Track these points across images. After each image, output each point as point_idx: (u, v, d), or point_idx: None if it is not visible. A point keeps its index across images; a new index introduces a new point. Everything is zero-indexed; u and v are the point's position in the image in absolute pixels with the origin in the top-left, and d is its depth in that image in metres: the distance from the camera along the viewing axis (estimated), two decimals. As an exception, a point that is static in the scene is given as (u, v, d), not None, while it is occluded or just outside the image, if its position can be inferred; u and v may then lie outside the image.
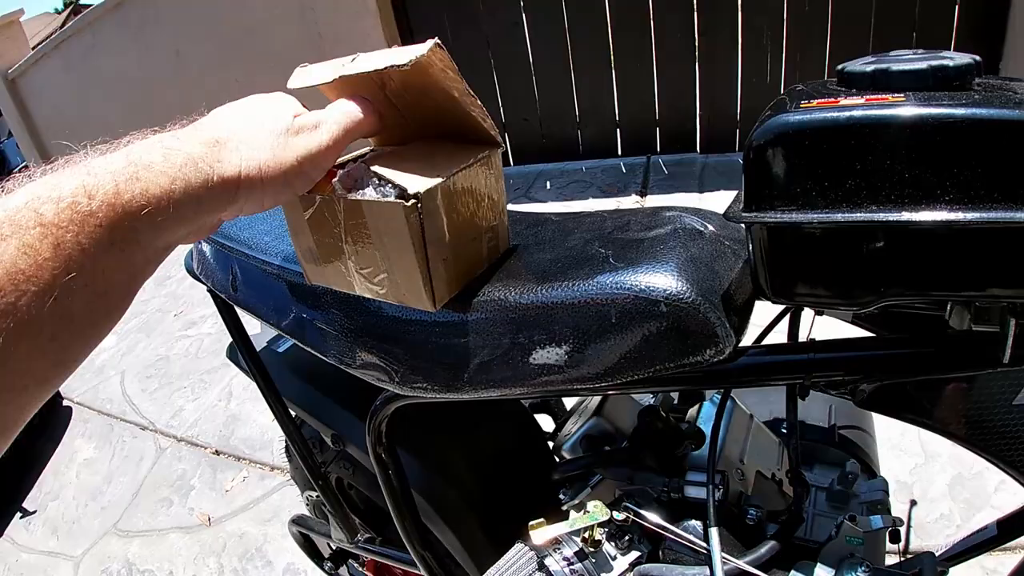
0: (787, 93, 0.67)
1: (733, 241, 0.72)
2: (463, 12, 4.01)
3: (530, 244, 0.75)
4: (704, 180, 3.48)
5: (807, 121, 0.51)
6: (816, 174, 0.52)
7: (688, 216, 0.73)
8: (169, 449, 2.77)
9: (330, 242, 0.68)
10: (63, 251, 0.37)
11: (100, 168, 0.44)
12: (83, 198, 0.40)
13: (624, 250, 0.66)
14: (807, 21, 3.38)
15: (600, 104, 3.95)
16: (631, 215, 0.76)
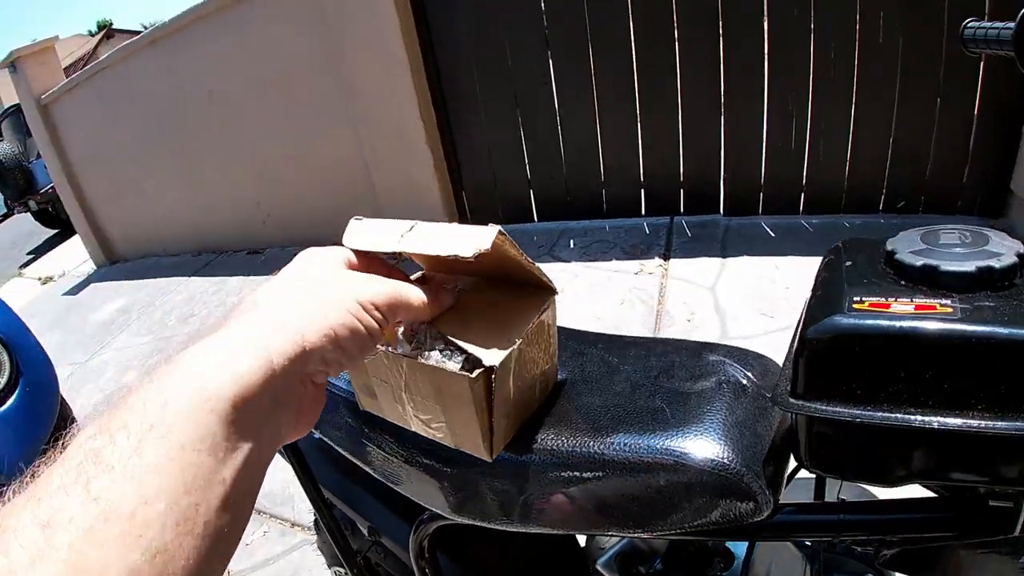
0: (841, 249, 0.72)
1: (771, 391, 0.75)
2: (493, 67, 4.08)
3: (577, 380, 0.78)
4: (727, 244, 3.52)
5: (860, 327, 0.55)
6: (862, 375, 0.56)
7: (732, 364, 0.76)
8: None
9: (387, 386, 0.71)
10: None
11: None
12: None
13: (672, 405, 0.69)
14: (833, 87, 3.42)
15: (625, 164, 4.00)
16: (675, 354, 0.80)
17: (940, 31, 3.13)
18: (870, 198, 3.56)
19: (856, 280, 0.63)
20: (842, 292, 0.61)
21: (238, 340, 0.45)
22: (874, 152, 3.45)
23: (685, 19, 3.58)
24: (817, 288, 0.67)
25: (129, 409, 0.39)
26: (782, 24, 3.40)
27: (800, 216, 3.69)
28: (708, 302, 3.06)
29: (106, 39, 32.59)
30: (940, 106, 3.26)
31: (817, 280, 0.70)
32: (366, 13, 4.01)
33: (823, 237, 3.44)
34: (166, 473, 0.36)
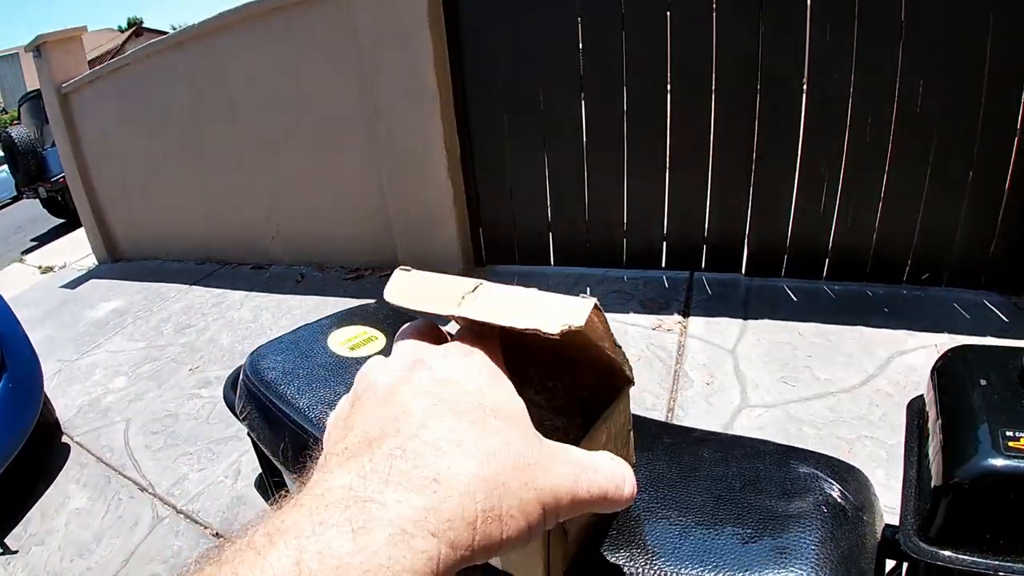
0: (961, 361, 0.62)
1: (866, 512, 0.65)
2: (524, 107, 4.02)
3: (646, 486, 0.68)
4: (748, 305, 3.43)
5: (1019, 471, 0.46)
6: (1014, 524, 0.46)
7: (826, 479, 0.66)
8: (167, 520, 2.67)
9: None
10: None
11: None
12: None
13: (766, 530, 0.59)
14: (866, 154, 3.35)
15: (649, 214, 3.91)
16: (758, 459, 0.70)
17: (978, 104, 3.09)
18: (895, 268, 3.48)
19: (998, 407, 0.53)
20: (988, 424, 0.51)
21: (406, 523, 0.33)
22: (902, 221, 3.38)
23: (723, 77, 3.52)
24: (947, 411, 0.57)
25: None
26: (821, 87, 3.34)
27: (823, 281, 3.60)
28: (728, 365, 2.96)
29: (134, 36, 32.91)
30: (972, 178, 3.20)
31: (941, 400, 0.60)
32: (400, 39, 3.96)
33: (846, 304, 3.36)
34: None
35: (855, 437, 2.40)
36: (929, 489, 0.52)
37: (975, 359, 0.64)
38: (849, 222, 3.48)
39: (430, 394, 0.39)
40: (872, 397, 2.61)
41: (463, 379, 0.41)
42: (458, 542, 0.33)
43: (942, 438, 0.54)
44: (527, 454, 0.38)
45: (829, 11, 3.22)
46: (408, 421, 0.38)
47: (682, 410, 2.69)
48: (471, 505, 0.34)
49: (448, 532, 0.33)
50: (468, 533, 0.34)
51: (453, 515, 0.34)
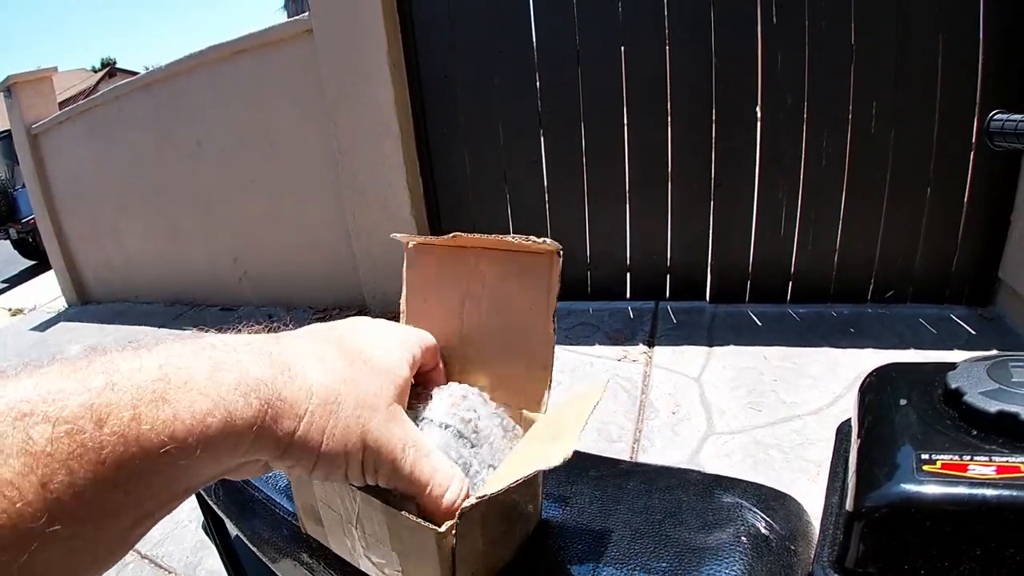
0: (884, 380, 0.61)
1: (795, 541, 0.62)
2: (484, 144, 4.03)
3: (565, 522, 0.65)
4: (713, 332, 3.42)
5: (935, 498, 0.43)
6: (930, 553, 0.44)
7: (750, 509, 0.63)
8: (131, 565, 2.58)
9: (335, 515, 0.59)
10: (50, 493, 0.28)
11: (124, 378, 0.33)
12: (89, 424, 0.31)
13: (678, 565, 0.56)
14: (824, 176, 3.40)
15: (612, 247, 3.92)
16: (682, 491, 0.67)
17: (932, 122, 3.16)
18: (858, 288, 3.51)
19: (916, 428, 0.51)
20: (904, 446, 0.49)
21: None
22: (863, 241, 3.42)
23: (678, 104, 3.56)
24: (866, 433, 0.55)
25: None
26: (775, 112, 3.40)
27: (787, 305, 3.62)
28: (694, 393, 2.94)
29: (108, 77, 32.78)
30: (930, 195, 3.26)
31: (862, 420, 0.58)
32: (362, 80, 3.97)
33: (811, 327, 3.37)
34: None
35: (823, 459, 2.38)
36: (844, 516, 0.49)
37: (900, 377, 0.62)
38: (810, 245, 3.51)
39: (331, 337, 0.49)
40: (839, 417, 2.55)
41: (363, 335, 0.51)
42: (283, 423, 0.39)
43: (857, 461, 0.51)
44: (373, 401, 0.45)
45: (780, 39, 3.29)
46: (300, 339, 0.46)
47: (648, 440, 2.66)
48: (304, 400, 0.40)
49: (279, 408, 0.39)
50: (293, 422, 0.39)
51: (287, 397, 0.39)
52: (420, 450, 0.47)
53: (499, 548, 0.58)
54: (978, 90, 3.05)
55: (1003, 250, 3.20)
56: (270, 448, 0.39)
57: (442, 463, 0.48)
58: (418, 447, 0.47)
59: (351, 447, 0.42)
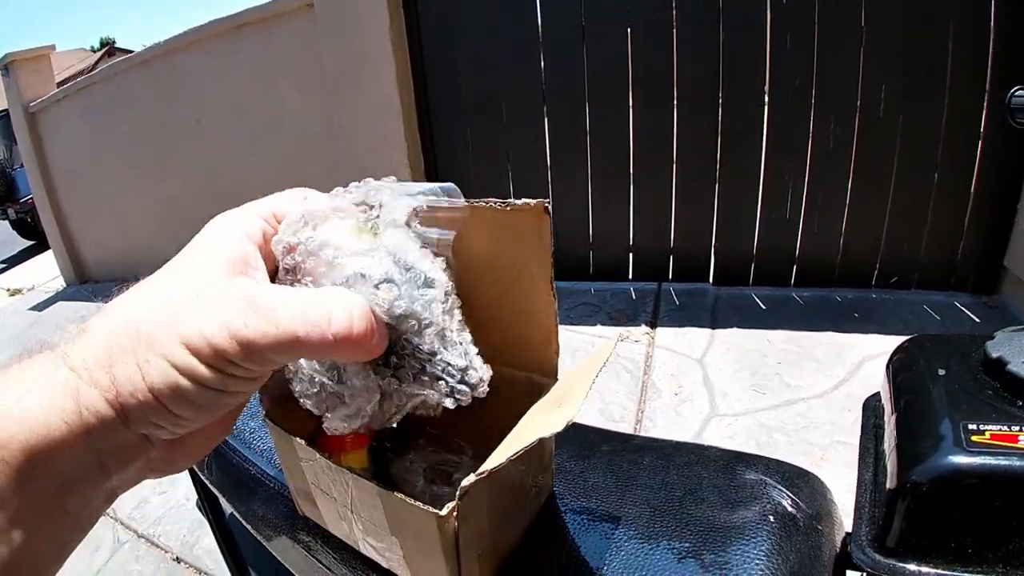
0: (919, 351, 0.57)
1: (821, 520, 0.59)
2: (487, 121, 3.98)
3: (577, 497, 0.62)
4: (716, 314, 3.39)
5: (987, 469, 0.40)
6: (981, 528, 0.41)
7: (775, 486, 0.60)
8: (128, 544, 2.57)
9: (330, 499, 0.56)
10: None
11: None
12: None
13: (706, 545, 0.53)
14: (830, 160, 3.35)
15: (615, 227, 3.88)
16: (702, 467, 0.64)
17: (941, 107, 3.10)
18: (863, 273, 3.47)
19: (959, 399, 0.48)
20: (948, 417, 0.46)
21: (45, 378, 0.35)
22: (869, 226, 3.38)
23: (685, 84, 3.51)
24: (904, 406, 0.52)
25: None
26: (782, 94, 3.34)
27: (791, 288, 3.58)
28: (696, 375, 2.91)
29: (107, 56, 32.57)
30: (937, 181, 3.21)
31: (896, 393, 0.55)
32: (364, 56, 3.92)
33: (815, 310, 3.33)
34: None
35: (828, 443, 2.36)
36: (884, 492, 0.46)
37: (933, 349, 0.59)
38: (815, 229, 3.47)
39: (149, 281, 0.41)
40: (844, 402, 2.57)
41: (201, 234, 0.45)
42: (98, 380, 0.34)
43: (896, 435, 0.48)
44: (178, 301, 0.37)
45: (789, 20, 3.23)
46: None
47: (650, 421, 2.64)
48: (102, 349, 0.36)
49: (85, 370, 0.35)
50: (104, 374, 0.35)
51: (87, 356, 0.35)
52: (259, 309, 0.37)
53: (507, 526, 0.54)
54: (988, 76, 3.00)
55: (1009, 238, 3.16)
56: (113, 412, 0.35)
57: (294, 302, 0.38)
58: (255, 307, 0.37)
59: (182, 364, 0.35)
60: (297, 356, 0.40)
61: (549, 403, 0.50)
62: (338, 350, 0.38)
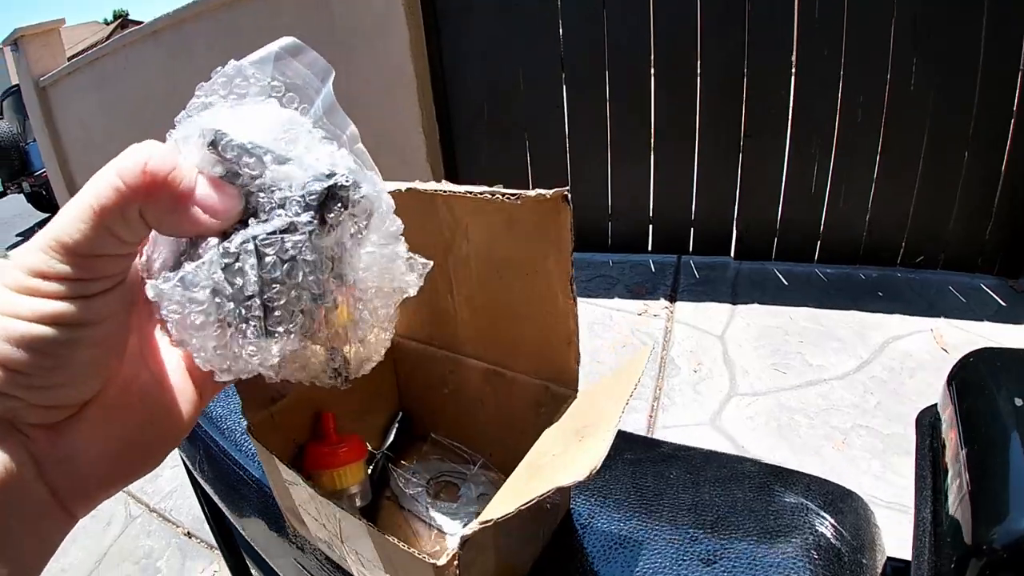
0: (985, 372, 0.51)
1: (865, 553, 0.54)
2: (503, 89, 3.89)
3: (597, 516, 0.57)
4: (737, 289, 3.32)
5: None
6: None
7: (817, 512, 0.54)
8: (140, 518, 2.56)
9: (321, 527, 0.51)
10: None
11: None
12: None
13: None
14: (858, 135, 3.25)
15: (635, 198, 3.80)
16: (736, 484, 0.58)
17: (972, 84, 2.98)
18: (888, 251, 3.38)
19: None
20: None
21: None
22: (896, 204, 3.28)
23: (709, 54, 3.40)
24: (975, 439, 0.45)
25: None
26: (811, 65, 3.23)
27: (814, 264, 3.50)
28: (716, 351, 2.85)
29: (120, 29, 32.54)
30: (967, 160, 3.10)
31: (963, 420, 0.48)
32: (376, 23, 3.84)
33: (838, 288, 3.25)
34: None
35: (849, 427, 2.30)
36: (950, 544, 0.40)
37: (1005, 367, 0.52)
38: (841, 204, 3.38)
39: None
40: (867, 384, 2.51)
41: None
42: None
43: (969, 481, 0.42)
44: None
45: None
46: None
47: (668, 399, 2.59)
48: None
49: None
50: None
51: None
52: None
53: (518, 553, 0.49)
54: (1022, 53, 2.88)
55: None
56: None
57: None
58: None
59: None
60: (122, 221, 0.32)
61: (570, 431, 0.44)
62: (158, 191, 0.32)
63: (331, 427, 0.63)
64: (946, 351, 2.65)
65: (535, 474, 0.39)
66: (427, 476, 0.68)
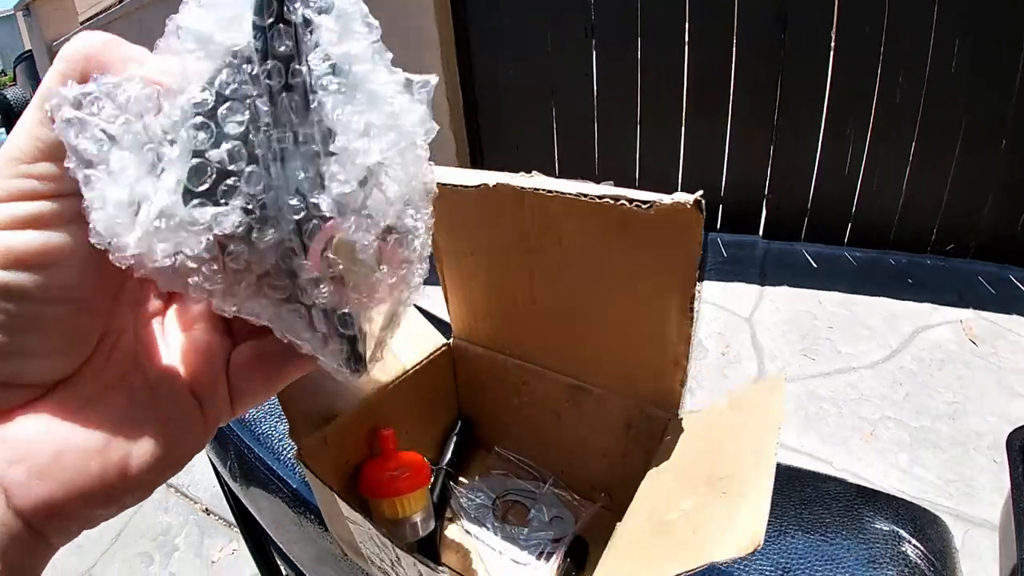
0: None
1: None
2: (530, 54, 3.82)
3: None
4: (766, 270, 3.29)
5: None
6: None
7: (909, 540, 0.54)
8: (158, 495, 2.56)
9: (381, 560, 0.50)
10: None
11: None
12: None
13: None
14: (896, 117, 3.18)
15: (663, 170, 3.75)
16: (823, 508, 0.57)
17: (1015, 68, 2.91)
18: (920, 236, 3.33)
19: None
20: None
21: None
22: (931, 189, 3.22)
23: (745, 27, 3.32)
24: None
25: None
26: (850, 43, 3.15)
27: (844, 247, 3.46)
28: (744, 334, 2.83)
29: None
30: (1004, 147, 3.04)
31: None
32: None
33: (868, 273, 3.22)
34: None
35: (877, 418, 2.29)
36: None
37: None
38: (875, 186, 3.32)
39: None
40: (896, 374, 2.49)
41: None
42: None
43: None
44: None
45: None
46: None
47: (695, 382, 2.58)
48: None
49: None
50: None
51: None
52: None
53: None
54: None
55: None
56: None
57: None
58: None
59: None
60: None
61: (700, 478, 0.41)
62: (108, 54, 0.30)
63: (391, 447, 0.60)
64: (975, 343, 2.63)
65: (665, 531, 0.37)
66: (492, 495, 0.66)
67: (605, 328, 0.55)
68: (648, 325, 0.51)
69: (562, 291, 0.57)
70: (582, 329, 0.57)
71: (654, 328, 0.50)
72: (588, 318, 0.56)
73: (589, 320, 0.56)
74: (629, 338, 0.53)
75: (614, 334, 0.54)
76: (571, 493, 0.66)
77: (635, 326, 0.52)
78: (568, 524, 0.63)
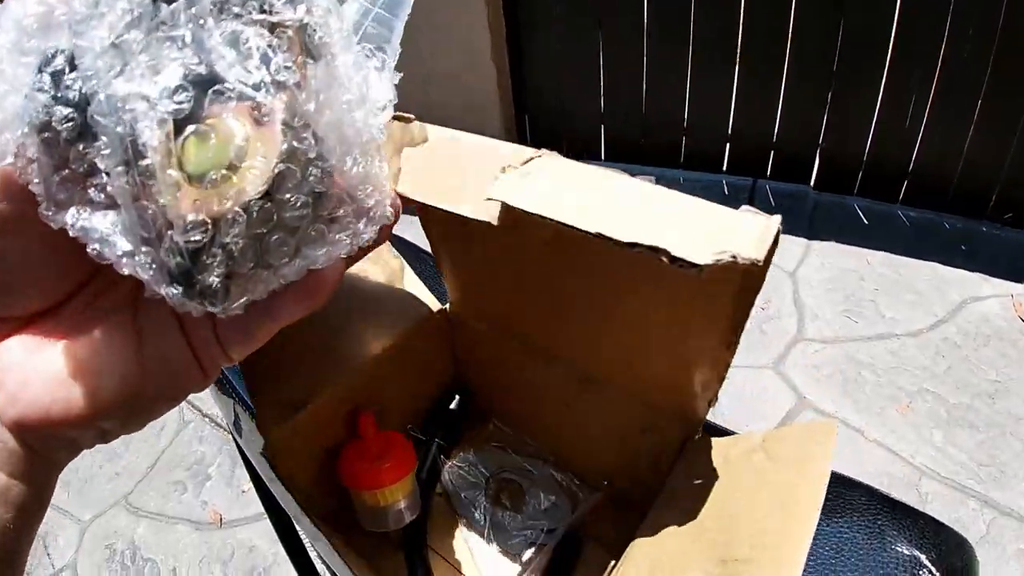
0: None
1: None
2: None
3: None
4: (815, 223, 3.19)
5: None
6: None
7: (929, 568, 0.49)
8: (192, 424, 2.62)
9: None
10: None
11: None
12: None
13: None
14: (961, 73, 3.00)
15: (714, 113, 3.59)
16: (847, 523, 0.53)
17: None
18: (978, 201, 3.18)
19: None
20: None
21: None
22: (994, 151, 3.06)
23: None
24: None
25: None
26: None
27: (897, 206, 3.32)
28: (787, 289, 2.75)
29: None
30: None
31: None
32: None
33: (921, 234, 3.10)
34: None
35: (916, 390, 2.22)
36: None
37: None
38: (935, 144, 3.17)
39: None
40: (939, 346, 2.41)
41: None
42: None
43: None
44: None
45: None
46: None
47: (732, 335, 2.52)
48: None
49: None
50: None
51: None
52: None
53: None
54: None
55: None
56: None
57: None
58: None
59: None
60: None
61: (713, 555, 0.36)
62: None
63: (371, 432, 0.57)
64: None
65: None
66: (486, 472, 0.62)
67: (635, 336, 0.50)
68: (684, 348, 0.46)
69: (594, 293, 0.51)
70: (609, 331, 0.53)
71: (690, 353, 0.45)
72: (618, 324, 0.51)
73: (618, 326, 0.51)
74: (660, 352, 0.48)
75: (643, 342, 0.50)
76: (569, 477, 0.62)
77: (669, 343, 0.47)
78: (564, 513, 0.59)
